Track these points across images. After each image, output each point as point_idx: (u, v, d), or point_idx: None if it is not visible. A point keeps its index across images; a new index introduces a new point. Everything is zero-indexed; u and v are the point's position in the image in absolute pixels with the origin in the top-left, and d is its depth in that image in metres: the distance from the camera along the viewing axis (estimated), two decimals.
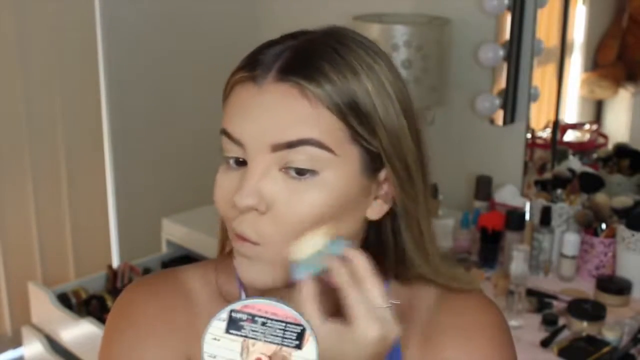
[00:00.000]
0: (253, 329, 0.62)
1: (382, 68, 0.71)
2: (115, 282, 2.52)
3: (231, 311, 0.62)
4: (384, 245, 0.78)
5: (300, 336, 0.61)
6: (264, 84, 0.68)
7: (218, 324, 0.62)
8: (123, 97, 2.78)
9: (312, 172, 0.68)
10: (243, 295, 0.82)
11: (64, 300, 2.41)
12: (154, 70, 2.83)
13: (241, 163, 0.70)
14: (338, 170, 0.69)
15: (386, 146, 0.70)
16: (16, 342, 2.68)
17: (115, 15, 2.69)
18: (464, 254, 2.12)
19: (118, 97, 2.77)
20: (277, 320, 0.61)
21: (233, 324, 0.62)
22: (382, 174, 0.73)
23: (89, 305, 2.42)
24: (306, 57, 0.69)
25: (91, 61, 2.71)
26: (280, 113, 0.67)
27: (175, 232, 2.61)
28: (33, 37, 2.59)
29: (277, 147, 0.67)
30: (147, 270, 2.55)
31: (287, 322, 0.61)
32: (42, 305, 2.41)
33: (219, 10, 2.95)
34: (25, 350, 2.51)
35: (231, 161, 0.71)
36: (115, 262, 2.89)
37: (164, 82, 2.86)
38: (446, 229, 2.13)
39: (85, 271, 2.80)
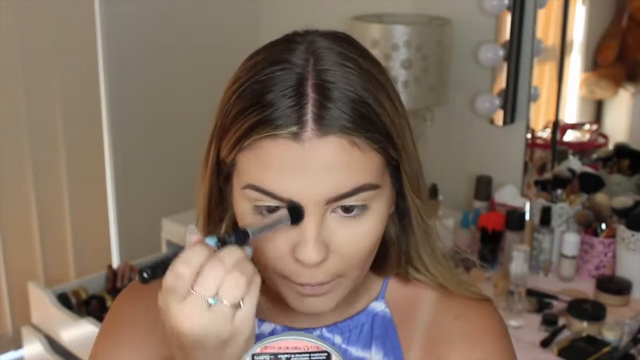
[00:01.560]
0: None
1: (385, 78, 0.71)
2: (115, 282, 2.52)
3: (253, 355, 0.61)
4: (386, 243, 0.79)
5: None
6: (306, 141, 0.64)
7: None
8: (123, 97, 2.78)
9: (362, 207, 0.69)
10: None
11: (64, 300, 2.41)
12: (154, 70, 2.83)
13: (274, 210, 0.68)
14: (382, 198, 0.71)
15: (404, 159, 0.72)
16: (16, 342, 2.68)
17: (115, 15, 2.69)
18: (464, 254, 2.11)
19: (118, 97, 2.77)
20: (300, 353, 0.61)
21: None
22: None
23: (89, 305, 2.42)
24: (336, 99, 0.65)
25: (91, 61, 2.71)
26: (334, 169, 0.65)
27: (175, 232, 2.61)
28: (33, 38, 2.59)
29: (332, 200, 0.67)
30: None
31: (310, 352, 0.61)
32: (42, 306, 2.41)
33: (219, 10, 2.94)
34: (25, 350, 2.51)
35: (263, 209, 0.68)
36: (115, 262, 2.89)
37: (164, 82, 2.86)
38: (446, 229, 2.13)
39: (85, 271, 2.80)
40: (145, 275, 0.59)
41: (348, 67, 0.67)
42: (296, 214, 0.66)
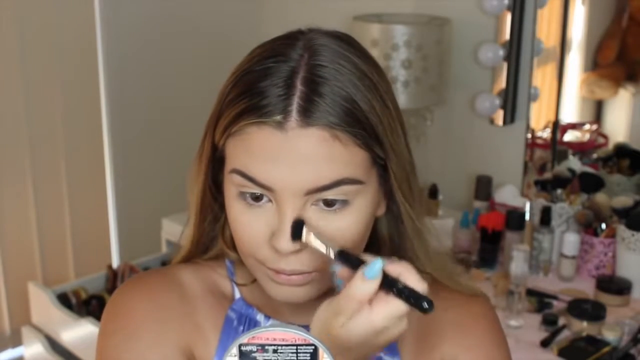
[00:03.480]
0: (265, 357, 0.62)
1: (379, 79, 0.72)
2: (115, 282, 2.52)
3: (240, 345, 0.61)
4: (378, 241, 0.80)
5: (314, 355, 0.62)
6: (289, 130, 0.67)
7: None
8: (123, 98, 2.78)
9: (344, 202, 0.69)
10: (237, 294, 0.83)
11: (64, 300, 2.40)
12: (154, 71, 2.83)
13: (258, 198, 0.70)
14: (366, 196, 0.71)
15: (392, 159, 0.72)
16: (16, 342, 2.68)
17: (115, 15, 2.69)
18: (463, 253, 2.12)
19: (118, 97, 2.77)
20: (287, 345, 0.61)
21: (244, 357, 0.61)
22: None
23: (89, 305, 2.42)
24: (324, 94, 0.67)
25: (91, 61, 2.71)
26: (314, 160, 0.67)
27: (175, 232, 2.60)
28: (33, 38, 2.59)
29: (311, 192, 0.68)
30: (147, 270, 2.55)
31: (297, 345, 0.61)
32: (42, 305, 2.41)
33: (219, 11, 2.94)
34: (25, 350, 2.51)
35: (248, 196, 0.70)
36: (115, 262, 2.89)
37: (164, 83, 2.86)
38: (446, 229, 2.14)
39: (85, 271, 2.80)
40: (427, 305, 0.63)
41: (341, 65, 0.69)
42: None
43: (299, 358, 0.61)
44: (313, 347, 0.61)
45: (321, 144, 0.67)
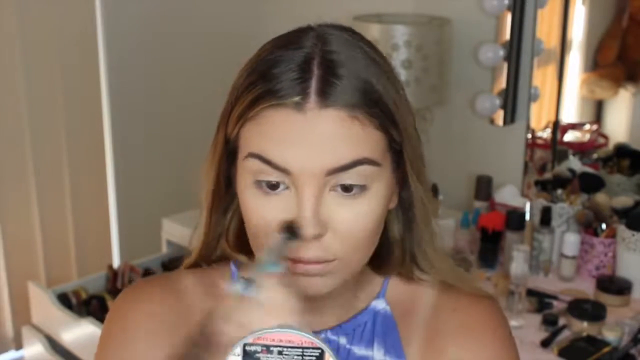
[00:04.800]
0: (270, 359, 0.61)
1: (390, 69, 0.73)
2: (116, 282, 2.52)
3: (244, 345, 0.61)
4: (390, 242, 0.79)
5: (320, 359, 0.61)
6: (308, 111, 0.67)
7: (233, 359, 0.61)
8: (124, 97, 2.78)
9: (362, 187, 0.69)
10: None
11: (64, 300, 2.40)
12: (156, 70, 2.83)
13: (274, 186, 0.69)
14: (382, 180, 0.71)
15: (406, 142, 0.73)
16: (17, 342, 2.68)
17: (116, 14, 2.69)
18: (463, 254, 2.12)
19: (119, 97, 2.77)
20: (293, 347, 0.61)
21: (249, 357, 0.61)
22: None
23: (89, 305, 2.42)
24: (341, 75, 0.68)
25: (92, 61, 2.71)
26: (333, 140, 0.67)
27: (175, 232, 2.61)
28: (34, 38, 2.59)
29: (331, 172, 0.67)
30: (147, 270, 2.55)
31: (303, 347, 0.61)
32: (43, 306, 2.41)
33: (220, 11, 2.94)
34: (25, 350, 2.51)
35: (264, 184, 0.69)
36: (116, 262, 2.89)
37: (165, 83, 2.86)
38: (446, 229, 2.14)
39: (85, 271, 2.80)
40: None
41: (354, 52, 0.70)
42: (291, 231, 0.67)
43: None
44: (320, 351, 0.61)
45: (340, 125, 0.67)
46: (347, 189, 0.69)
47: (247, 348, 0.61)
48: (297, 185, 0.68)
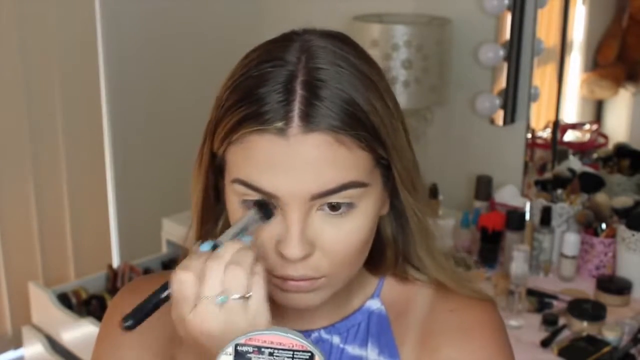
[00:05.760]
0: None
1: (379, 78, 0.71)
2: (115, 282, 2.52)
3: (236, 345, 0.61)
4: (383, 243, 0.79)
5: None
6: (291, 137, 0.65)
7: (225, 358, 0.62)
8: (123, 97, 2.78)
9: (349, 205, 0.69)
10: None
11: (64, 300, 2.41)
12: (154, 70, 2.83)
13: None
14: (371, 197, 0.71)
15: (394, 158, 0.72)
16: (16, 342, 2.68)
17: (115, 14, 2.69)
18: (463, 253, 2.12)
19: (118, 97, 2.77)
20: (284, 350, 0.61)
21: (240, 357, 0.61)
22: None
23: (89, 305, 2.42)
24: (324, 97, 0.66)
25: (92, 61, 2.71)
26: (318, 165, 0.66)
27: (175, 232, 2.61)
28: (34, 38, 2.59)
29: (316, 197, 0.67)
30: (147, 270, 2.55)
31: (294, 350, 0.61)
32: (43, 306, 2.41)
33: (219, 11, 2.94)
34: (25, 350, 2.51)
35: (250, 204, 0.69)
36: (116, 262, 2.89)
37: (165, 82, 2.86)
38: (446, 229, 2.14)
39: (85, 271, 2.80)
40: (128, 323, 0.63)
41: (340, 67, 0.68)
42: (266, 210, 0.68)
43: None
44: (309, 354, 0.61)
45: (325, 149, 0.66)
46: (334, 207, 0.68)
47: (239, 348, 0.61)
48: (284, 208, 0.68)
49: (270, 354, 0.61)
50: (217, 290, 0.62)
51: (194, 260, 0.63)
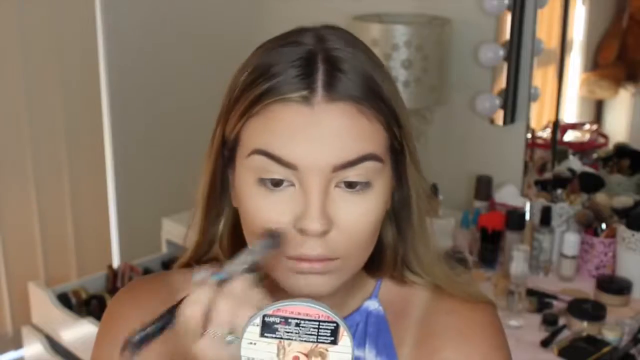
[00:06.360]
0: (287, 330, 0.63)
1: (388, 70, 0.74)
2: (115, 282, 2.52)
3: (264, 316, 0.63)
4: (383, 246, 0.79)
5: (334, 332, 0.63)
6: (315, 105, 0.67)
7: (252, 329, 0.63)
8: (124, 97, 2.78)
9: (365, 184, 0.69)
10: None
11: (64, 300, 2.41)
12: (155, 71, 2.83)
13: (277, 183, 0.69)
14: (384, 178, 0.72)
15: (408, 141, 0.74)
16: (16, 342, 2.68)
17: (116, 15, 2.69)
18: (462, 253, 2.12)
19: (119, 98, 2.77)
20: (310, 320, 0.63)
21: (267, 328, 0.63)
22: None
23: (89, 305, 2.42)
24: (346, 70, 0.68)
25: (92, 61, 2.71)
26: (340, 134, 0.67)
27: (175, 232, 2.61)
28: (35, 40, 2.59)
29: (338, 168, 0.67)
30: (147, 270, 2.55)
31: (320, 321, 0.63)
32: (43, 305, 2.41)
33: (219, 11, 2.95)
34: (25, 350, 2.52)
35: (268, 182, 0.68)
36: (116, 262, 2.89)
37: (165, 83, 2.86)
38: (446, 229, 2.14)
39: (85, 271, 2.80)
40: (134, 347, 0.63)
41: (354, 49, 0.71)
42: (274, 240, 0.68)
43: (319, 334, 0.63)
44: (335, 325, 0.63)
45: (348, 118, 0.67)
46: (351, 185, 0.69)
47: (267, 319, 0.63)
48: (302, 181, 0.68)
49: (297, 325, 0.63)
50: (226, 328, 0.62)
51: (202, 295, 0.62)
